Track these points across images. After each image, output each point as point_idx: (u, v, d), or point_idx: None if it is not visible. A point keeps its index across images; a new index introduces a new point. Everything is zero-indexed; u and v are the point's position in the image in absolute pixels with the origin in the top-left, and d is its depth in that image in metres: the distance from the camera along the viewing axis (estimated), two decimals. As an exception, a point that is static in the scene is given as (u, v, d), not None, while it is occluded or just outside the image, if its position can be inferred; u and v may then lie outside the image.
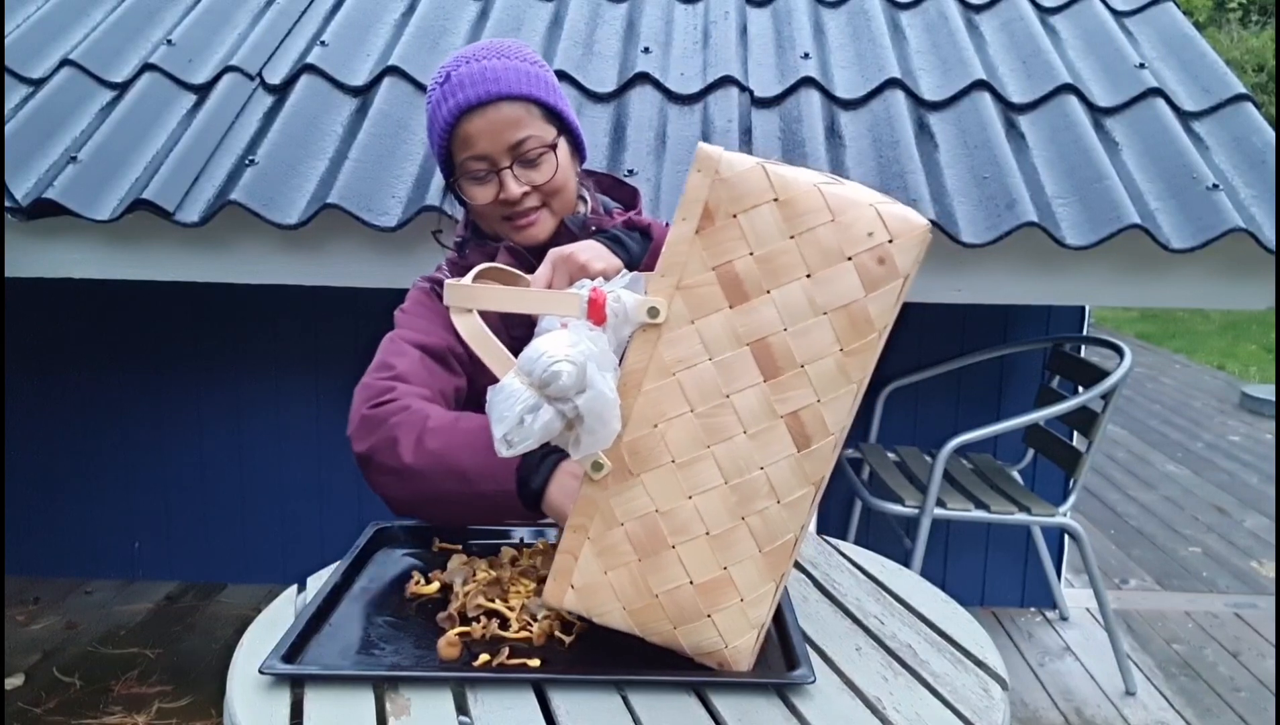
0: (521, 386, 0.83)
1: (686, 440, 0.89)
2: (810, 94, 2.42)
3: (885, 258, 0.85)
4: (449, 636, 0.93)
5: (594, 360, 0.84)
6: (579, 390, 0.83)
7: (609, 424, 0.86)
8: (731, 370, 0.88)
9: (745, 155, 0.88)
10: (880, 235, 0.85)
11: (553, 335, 0.86)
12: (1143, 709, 2.63)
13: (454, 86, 1.19)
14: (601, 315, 0.87)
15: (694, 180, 0.87)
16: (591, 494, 0.91)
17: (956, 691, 0.90)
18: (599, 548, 0.91)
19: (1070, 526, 2.59)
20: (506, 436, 0.83)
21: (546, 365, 0.82)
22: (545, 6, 2.77)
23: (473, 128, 1.19)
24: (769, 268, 0.86)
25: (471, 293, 0.90)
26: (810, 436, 0.88)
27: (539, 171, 1.21)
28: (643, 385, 0.89)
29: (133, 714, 2.48)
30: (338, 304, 3.00)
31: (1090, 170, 2.17)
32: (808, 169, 0.89)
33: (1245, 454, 5.31)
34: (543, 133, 1.21)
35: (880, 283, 0.86)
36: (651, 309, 0.87)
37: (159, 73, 2.45)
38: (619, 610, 0.92)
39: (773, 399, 0.88)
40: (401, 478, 1.13)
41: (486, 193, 1.22)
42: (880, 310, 0.86)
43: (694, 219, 0.87)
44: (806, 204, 0.86)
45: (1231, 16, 14.07)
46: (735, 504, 0.89)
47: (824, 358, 0.87)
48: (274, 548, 3.20)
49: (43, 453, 3.17)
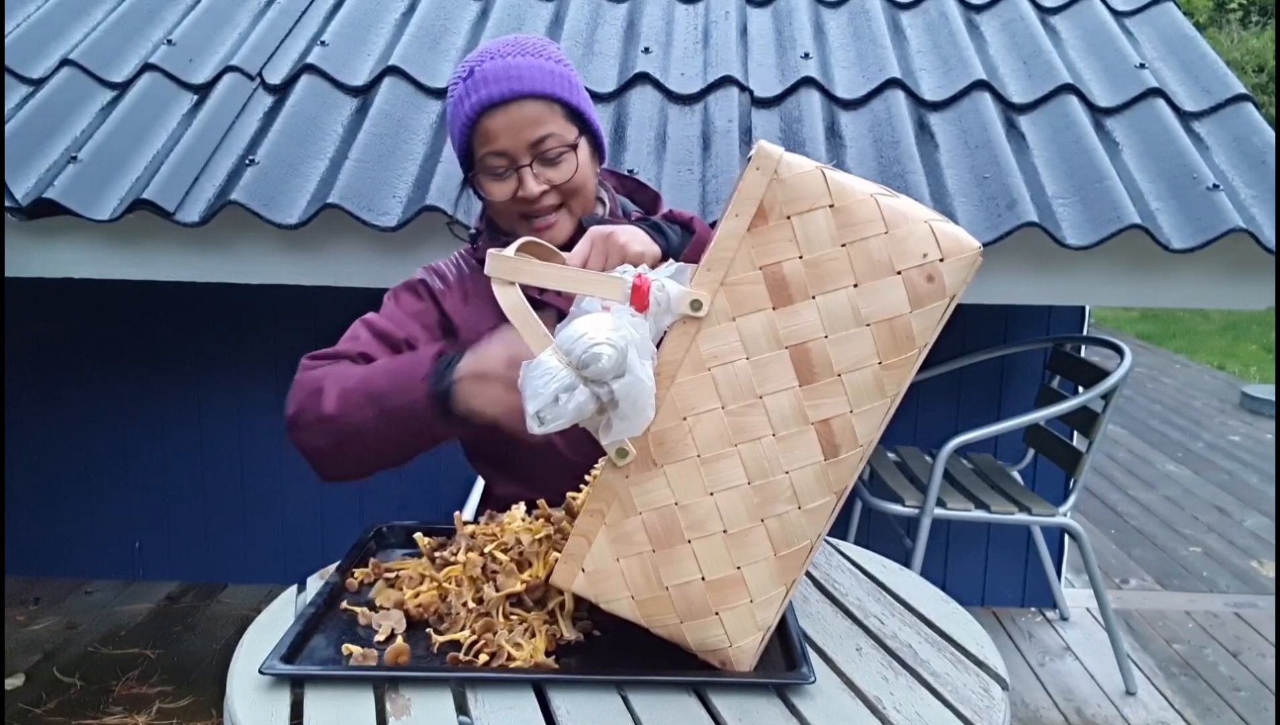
0: (559, 365, 0.82)
1: (714, 436, 0.88)
2: (810, 94, 2.42)
3: (935, 276, 0.85)
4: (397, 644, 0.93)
5: (635, 346, 0.83)
6: (617, 374, 0.82)
7: (644, 411, 0.85)
8: (767, 371, 0.87)
9: (806, 158, 0.87)
10: (932, 253, 0.85)
11: (595, 317, 0.85)
12: (1143, 709, 2.63)
13: (477, 82, 1.19)
14: (645, 302, 0.86)
15: (751, 177, 0.86)
16: (612, 480, 0.90)
17: (957, 691, 0.90)
18: (614, 535, 0.91)
19: (1070, 526, 2.59)
20: (539, 413, 0.83)
21: (588, 346, 0.81)
22: (546, 6, 2.77)
23: (494, 124, 1.19)
24: (817, 273, 0.86)
25: (515, 266, 0.88)
26: (839, 446, 0.88)
27: (558, 170, 1.21)
28: (676, 377, 0.88)
29: (133, 714, 2.48)
30: (338, 304, 3.00)
31: (1091, 170, 2.17)
32: (864, 179, 0.88)
33: (1245, 454, 5.31)
34: (564, 132, 1.21)
35: (926, 300, 0.86)
36: (695, 301, 0.87)
37: (159, 72, 2.45)
38: (627, 599, 0.92)
39: (805, 404, 0.87)
40: (324, 423, 1.12)
41: (505, 189, 1.21)
42: (923, 327, 0.86)
43: (747, 216, 0.86)
44: (861, 213, 0.85)
45: (1232, 17, 14.07)
46: (756, 505, 0.89)
47: (862, 369, 0.87)
48: (274, 548, 3.20)
49: (43, 453, 3.17)
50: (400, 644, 0.93)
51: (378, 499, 3.09)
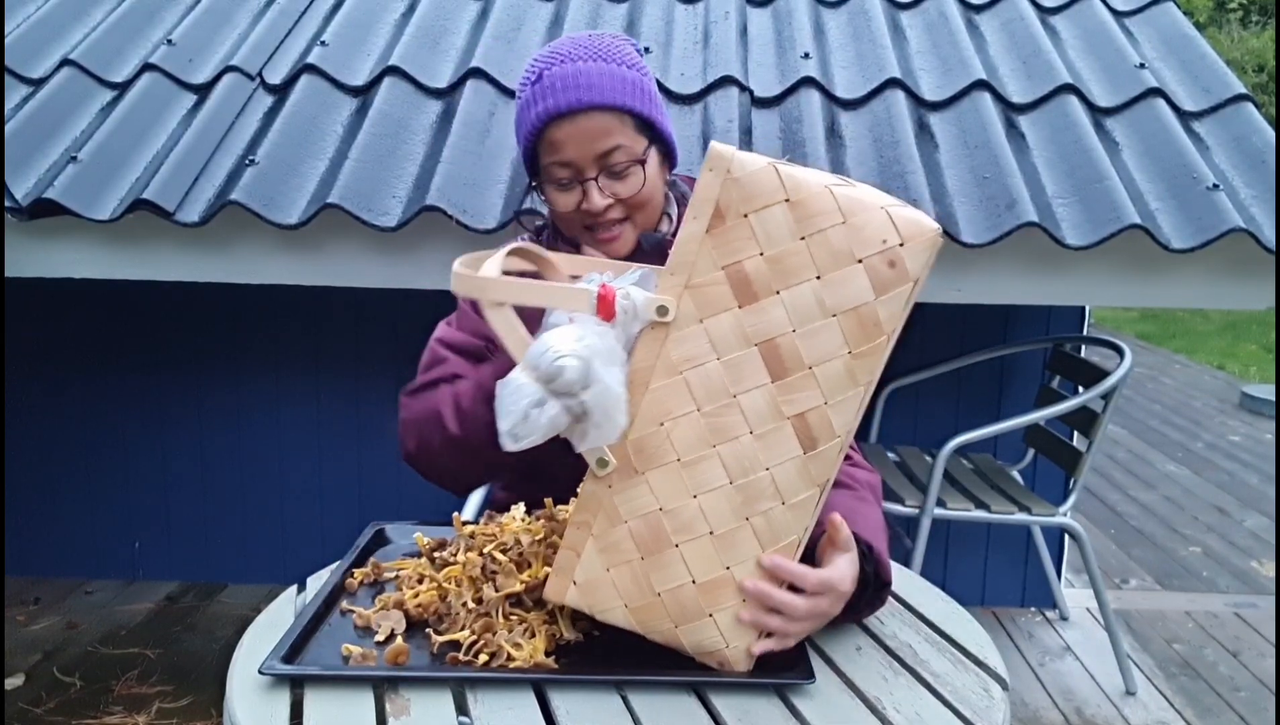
0: (527, 381, 0.83)
1: (692, 439, 0.89)
2: (810, 94, 2.42)
3: (896, 261, 0.85)
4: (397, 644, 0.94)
5: (600, 355, 0.84)
6: (584, 385, 0.83)
7: (616, 419, 0.85)
8: (739, 370, 0.88)
9: (757, 155, 0.87)
10: (891, 238, 0.85)
11: (559, 330, 0.85)
12: (1143, 709, 2.63)
13: (545, 89, 1.14)
14: (611, 311, 0.86)
15: (705, 179, 0.87)
16: (596, 491, 0.91)
17: (957, 691, 0.90)
18: (602, 545, 0.91)
19: (1070, 526, 2.59)
20: (512, 430, 0.83)
21: (551, 360, 0.82)
22: (546, 6, 2.77)
23: (561, 134, 1.14)
24: (779, 268, 0.86)
25: (481, 284, 0.89)
26: (816, 438, 0.88)
27: (625, 184, 1.17)
28: (650, 383, 0.89)
29: (133, 714, 2.48)
30: (338, 304, 3.01)
31: (1090, 170, 2.17)
32: (819, 171, 0.88)
33: (1245, 454, 5.31)
34: (633, 144, 1.16)
35: (890, 286, 0.86)
36: (660, 307, 0.87)
37: (159, 73, 2.45)
38: (620, 608, 0.92)
39: (780, 400, 0.88)
40: (455, 448, 1.12)
41: (569, 200, 1.18)
42: (890, 313, 0.86)
43: (704, 218, 0.87)
44: (818, 205, 0.86)
45: (1232, 17, 14.07)
46: (740, 504, 0.89)
47: (832, 360, 0.87)
48: (274, 548, 3.20)
49: (43, 453, 3.17)
50: (400, 644, 0.93)
51: (378, 499, 3.09)
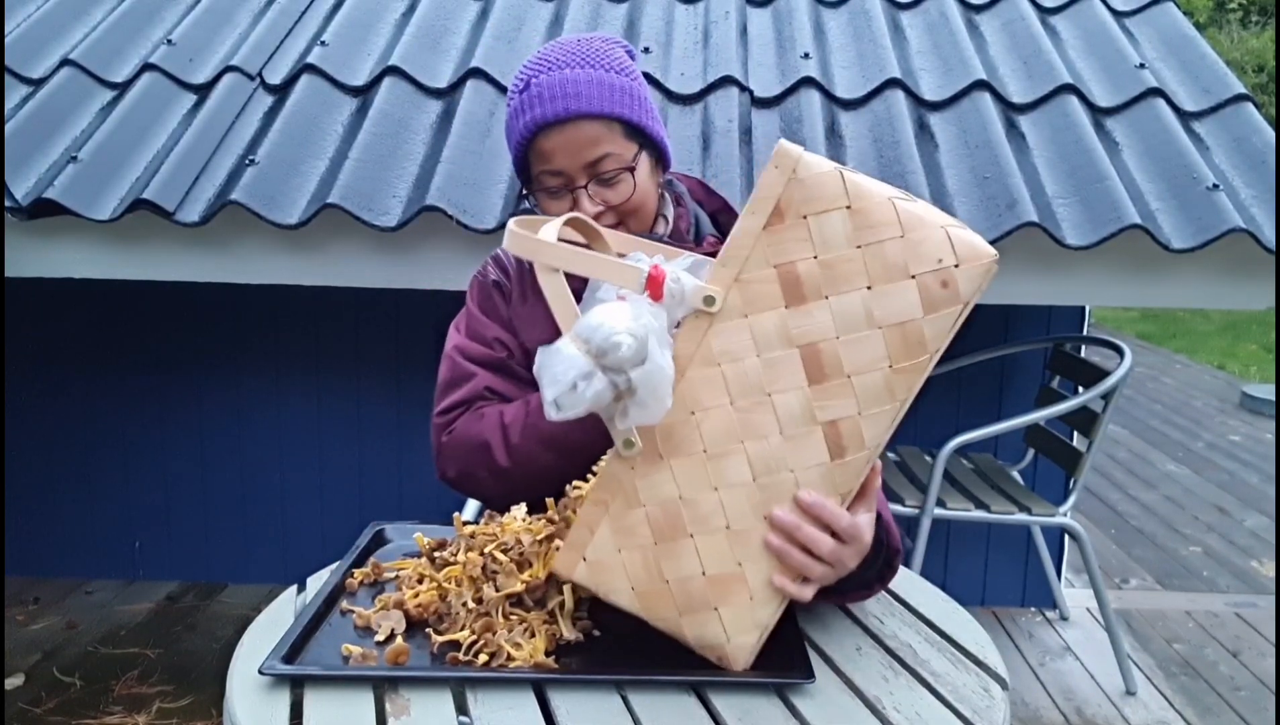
0: (577, 352, 0.83)
1: (721, 432, 0.88)
2: (810, 94, 2.42)
3: (949, 282, 0.85)
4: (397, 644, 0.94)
5: (655, 335, 0.83)
6: (636, 363, 0.83)
7: (663, 399, 0.84)
8: (777, 370, 0.87)
9: (825, 158, 0.87)
10: (948, 258, 0.85)
11: (613, 305, 0.84)
12: (1143, 708, 2.63)
13: (532, 98, 1.15)
14: (659, 292, 0.85)
15: (769, 176, 0.86)
16: (618, 471, 0.90)
17: (957, 691, 0.90)
18: (616, 526, 0.91)
19: (1070, 526, 2.59)
20: (557, 400, 0.82)
21: (607, 335, 0.81)
22: (546, 6, 2.77)
23: (550, 144, 1.15)
24: (831, 274, 0.86)
25: (536, 246, 0.88)
26: (845, 448, 0.88)
27: (615, 191, 1.17)
28: (686, 371, 0.88)
29: (133, 714, 2.48)
30: (338, 304, 3.00)
31: (1091, 170, 2.17)
32: (883, 182, 0.88)
33: (1245, 454, 5.31)
34: (622, 151, 1.16)
35: (940, 306, 0.85)
36: (708, 297, 0.87)
37: (159, 72, 2.45)
38: (627, 590, 0.92)
39: (814, 405, 0.87)
40: (502, 478, 1.16)
41: (560, 207, 1.18)
42: (935, 332, 0.86)
43: (763, 214, 0.87)
44: (879, 216, 0.85)
45: (1232, 17, 14.07)
46: (760, 503, 0.89)
47: (872, 371, 0.86)
48: (274, 548, 3.20)
49: (43, 452, 3.17)
50: (400, 644, 0.93)
51: (378, 499, 3.09)
